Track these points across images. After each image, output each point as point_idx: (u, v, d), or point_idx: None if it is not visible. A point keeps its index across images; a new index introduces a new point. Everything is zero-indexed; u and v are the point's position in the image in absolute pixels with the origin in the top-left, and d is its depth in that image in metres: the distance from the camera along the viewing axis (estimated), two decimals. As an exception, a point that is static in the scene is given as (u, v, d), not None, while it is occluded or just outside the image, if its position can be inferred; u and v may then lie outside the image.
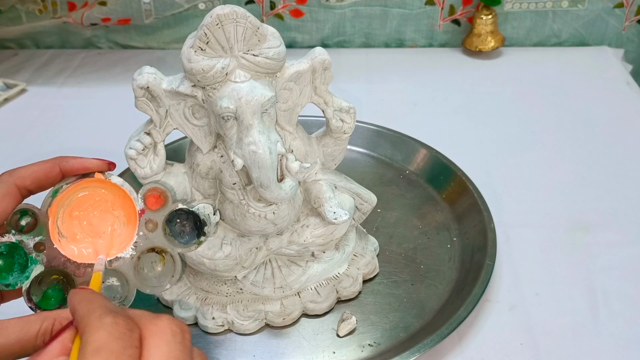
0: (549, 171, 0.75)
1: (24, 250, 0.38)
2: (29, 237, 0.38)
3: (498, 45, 0.97)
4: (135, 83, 0.46)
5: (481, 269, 0.57)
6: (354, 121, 0.52)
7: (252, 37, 0.44)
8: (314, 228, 0.54)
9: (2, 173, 0.39)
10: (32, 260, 0.37)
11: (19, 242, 0.37)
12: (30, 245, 0.38)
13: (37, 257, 0.38)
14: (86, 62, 1.02)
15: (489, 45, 0.96)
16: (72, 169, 0.39)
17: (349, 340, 0.54)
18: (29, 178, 0.38)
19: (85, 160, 0.39)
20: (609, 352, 0.53)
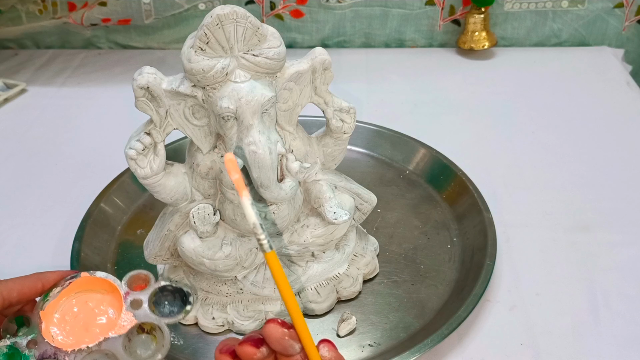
0: (549, 171, 0.75)
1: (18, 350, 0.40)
2: (22, 338, 0.40)
3: (491, 44, 0.97)
4: (136, 83, 0.46)
5: (481, 269, 0.57)
6: (354, 121, 0.52)
7: (252, 37, 0.44)
8: (314, 228, 0.54)
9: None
10: (25, 357, 0.40)
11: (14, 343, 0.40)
12: (24, 344, 0.40)
13: (30, 353, 0.40)
14: (86, 62, 1.02)
15: (481, 44, 0.97)
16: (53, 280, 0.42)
17: (349, 340, 0.54)
18: (16, 291, 0.41)
19: (63, 272, 0.43)
20: (609, 352, 0.53)
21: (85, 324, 0.41)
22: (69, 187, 0.74)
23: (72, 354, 0.39)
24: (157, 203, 0.54)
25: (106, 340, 0.39)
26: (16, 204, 0.72)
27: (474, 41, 0.97)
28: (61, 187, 0.74)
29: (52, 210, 0.71)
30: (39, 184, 0.75)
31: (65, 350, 0.39)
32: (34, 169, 0.78)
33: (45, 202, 0.72)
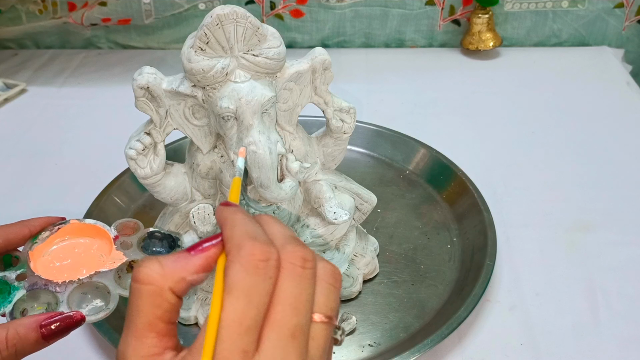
0: (549, 171, 0.75)
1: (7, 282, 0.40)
2: (10, 272, 0.40)
3: (496, 44, 0.97)
4: (135, 83, 0.46)
5: (481, 269, 0.57)
6: (354, 121, 0.52)
7: (252, 37, 0.44)
8: (314, 228, 0.54)
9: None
10: (14, 288, 0.39)
11: (2, 277, 0.40)
12: (13, 277, 0.40)
13: (19, 284, 0.40)
14: (86, 62, 1.02)
15: (487, 44, 0.96)
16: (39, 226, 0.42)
17: (349, 340, 0.54)
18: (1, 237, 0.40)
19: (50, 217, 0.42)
20: (610, 352, 0.53)
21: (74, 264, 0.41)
22: (69, 187, 0.74)
23: (62, 285, 0.39)
24: (157, 203, 0.54)
25: (97, 274, 0.40)
26: (16, 204, 0.72)
27: (481, 41, 0.96)
28: (61, 187, 0.74)
29: (52, 210, 0.70)
30: (39, 184, 0.75)
31: (55, 281, 0.39)
32: (34, 169, 0.78)
33: (45, 202, 0.72)
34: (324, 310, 0.30)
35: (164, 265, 0.30)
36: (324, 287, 0.30)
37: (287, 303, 0.28)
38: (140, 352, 0.29)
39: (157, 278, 0.29)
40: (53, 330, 0.36)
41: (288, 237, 0.31)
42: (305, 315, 0.29)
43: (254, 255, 0.28)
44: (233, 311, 0.28)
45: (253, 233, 0.30)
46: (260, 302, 0.28)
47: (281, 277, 0.29)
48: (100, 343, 0.55)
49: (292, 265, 0.29)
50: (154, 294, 0.29)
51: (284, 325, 0.28)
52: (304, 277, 0.29)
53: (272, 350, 0.28)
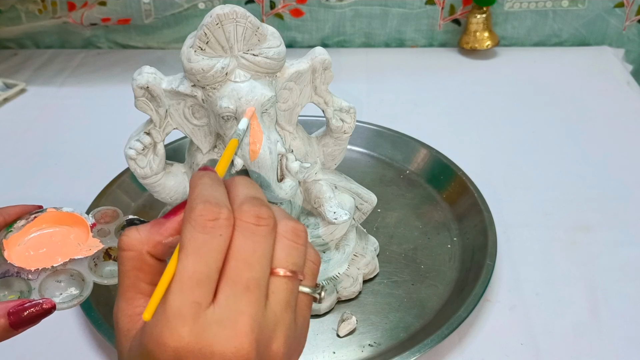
0: (549, 171, 0.75)
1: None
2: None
3: (493, 44, 0.97)
4: (135, 83, 0.46)
5: (481, 268, 0.57)
6: (354, 121, 0.52)
7: (252, 37, 0.44)
8: (314, 228, 0.54)
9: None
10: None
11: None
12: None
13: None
14: (86, 62, 1.01)
15: (483, 44, 0.96)
16: (15, 214, 0.42)
17: (349, 341, 0.54)
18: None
19: (26, 206, 0.43)
20: (610, 352, 0.53)
21: (50, 252, 0.40)
22: (69, 187, 0.74)
23: (35, 273, 0.39)
24: (157, 203, 0.54)
25: (72, 262, 0.39)
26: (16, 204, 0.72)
27: (477, 41, 0.96)
28: (61, 187, 0.74)
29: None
30: (39, 183, 0.75)
31: (28, 269, 0.39)
32: (34, 168, 0.78)
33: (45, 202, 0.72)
34: (284, 264, 0.31)
35: (141, 232, 0.32)
36: (285, 243, 0.32)
37: (240, 258, 0.30)
38: (127, 312, 0.31)
39: (136, 244, 0.32)
40: (22, 318, 0.36)
41: (247, 197, 0.32)
42: (260, 270, 0.30)
43: (203, 215, 0.30)
44: (183, 267, 0.29)
45: (207, 195, 0.31)
46: (211, 258, 0.29)
47: (234, 235, 0.30)
48: (100, 343, 0.55)
49: (245, 223, 0.31)
50: (135, 258, 0.32)
51: (237, 278, 0.29)
52: (258, 234, 0.31)
53: (225, 302, 0.29)
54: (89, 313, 0.53)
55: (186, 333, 0.28)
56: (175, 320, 0.28)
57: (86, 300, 0.39)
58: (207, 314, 0.29)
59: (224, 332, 0.28)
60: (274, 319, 0.30)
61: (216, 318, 0.29)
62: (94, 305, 0.54)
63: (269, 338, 0.30)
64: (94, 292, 0.39)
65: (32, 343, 0.55)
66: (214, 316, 0.29)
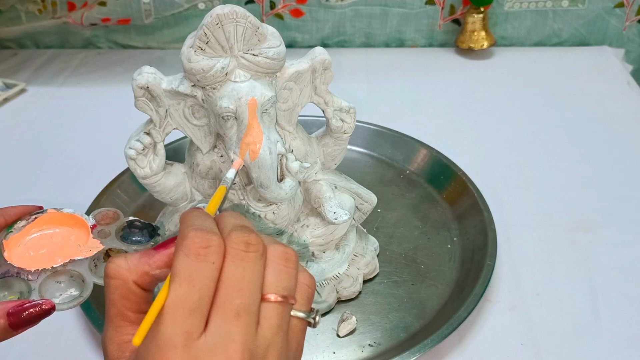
0: (549, 171, 0.75)
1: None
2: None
3: (490, 44, 0.97)
4: (135, 83, 0.46)
5: (481, 268, 0.57)
6: (354, 121, 0.52)
7: (252, 37, 0.44)
8: (314, 228, 0.54)
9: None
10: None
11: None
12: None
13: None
14: (86, 62, 1.01)
15: (479, 44, 0.96)
16: (15, 215, 0.42)
17: (349, 341, 0.54)
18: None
19: (26, 207, 0.43)
20: (610, 352, 0.53)
21: (50, 253, 0.40)
22: (68, 187, 0.74)
23: (35, 273, 0.39)
24: (157, 203, 0.54)
25: (72, 262, 0.39)
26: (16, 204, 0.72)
27: (472, 41, 0.96)
28: (61, 187, 0.74)
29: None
30: (39, 184, 0.75)
31: (28, 269, 0.39)
32: (34, 169, 0.78)
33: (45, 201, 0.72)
34: (275, 290, 0.31)
35: (129, 261, 0.32)
36: (275, 268, 0.32)
37: (230, 285, 0.30)
38: (115, 340, 0.32)
39: (123, 272, 0.32)
40: (21, 318, 0.35)
41: (236, 226, 0.32)
42: (250, 295, 0.30)
43: (195, 243, 0.30)
44: (176, 295, 0.29)
45: (198, 225, 0.31)
46: (203, 286, 0.29)
47: (225, 262, 0.31)
48: (100, 343, 0.55)
49: (235, 250, 0.31)
50: (121, 287, 0.32)
51: (228, 305, 0.30)
52: (247, 260, 0.31)
53: (216, 330, 0.29)
54: (89, 313, 0.53)
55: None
56: (166, 349, 0.28)
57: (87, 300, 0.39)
58: (199, 343, 0.29)
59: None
60: (265, 344, 0.30)
61: (207, 346, 0.29)
62: (94, 306, 0.53)
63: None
64: (94, 293, 0.39)
65: (33, 343, 0.55)
66: (205, 345, 0.29)
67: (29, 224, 0.41)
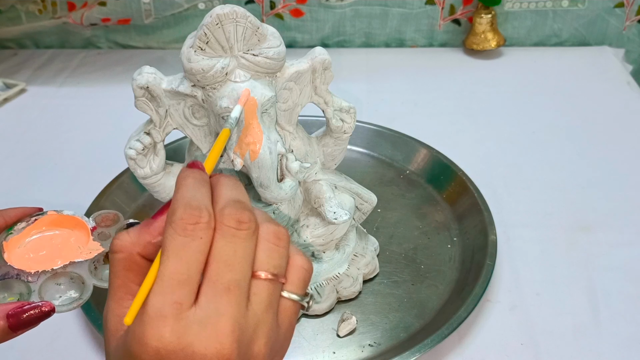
0: (549, 171, 0.75)
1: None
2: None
3: (499, 44, 0.97)
4: (135, 83, 0.46)
5: (481, 269, 0.57)
6: (354, 121, 0.52)
7: (252, 37, 0.44)
8: (314, 228, 0.54)
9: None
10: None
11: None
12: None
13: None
14: (86, 62, 1.01)
15: (490, 44, 0.96)
16: (15, 217, 0.42)
17: (349, 341, 0.54)
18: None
19: (26, 208, 0.43)
20: (610, 352, 0.53)
21: (50, 255, 0.40)
22: (68, 187, 0.74)
23: (35, 275, 0.38)
24: (157, 203, 0.54)
25: (72, 264, 0.39)
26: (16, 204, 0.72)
27: (485, 41, 0.96)
28: (61, 187, 0.74)
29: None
30: (39, 184, 0.75)
31: (28, 271, 0.39)
32: (34, 169, 0.78)
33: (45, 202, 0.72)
34: (266, 267, 0.32)
35: (131, 234, 0.33)
36: (266, 246, 0.32)
37: (220, 260, 0.30)
38: (116, 312, 0.32)
39: (127, 245, 0.32)
40: (21, 320, 0.35)
41: (229, 201, 0.32)
42: (240, 272, 0.30)
43: (183, 219, 0.30)
44: (164, 268, 0.30)
45: (188, 198, 0.31)
46: (191, 260, 0.30)
47: (215, 237, 0.31)
48: (100, 343, 0.55)
49: (226, 227, 0.31)
50: (126, 260, 0.32)
51: (218, 280, 0.30)
52: (239, 237, 0.31)
53: (206, 303, 0.29)
54: (89, 314, 0.53)
55: (167, 333, 0.28)
56: (156, 320, 0.29)
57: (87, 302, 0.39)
58: (189, 315, 0.29)
59: (205, 333, 0.29)
60: (255, 320, 0.30)
61: (197, 318, 0.29)
62: (94, 306, 0.53)
63: (250, 339, 0.30)
64: (94, 295, 0.39)
65: (33, 343, 0.55)
66: (195, 317, 0.29)
67: (29, 226, 0.41)
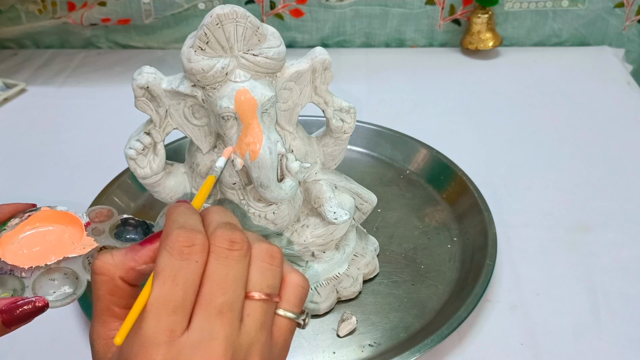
0: (549, 171, 0.75)
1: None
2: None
3: (496, 44, 0.97)
4: (135, 83, 0.46)
5: (481, 269, 0.57)
6: (354, 121, 0.52)
7: (252, 37, 0.44)
8: (314, 228, 0.54)
9: None
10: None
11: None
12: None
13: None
14: (86, 62, 1.01)
15: (486, 44, 0.96)
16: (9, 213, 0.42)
17: (349, 341, 0.54)
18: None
19: (20, 204, 0.43)
20: (610, 352, 0.53)
21: (44, 251, 0.40)
22: (68, 187, 0.74)
23: (29, 271, 0.39)
24: (157, 203, 0.54)
25: (66, 260, 0.39)
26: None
27: (481, 41, 0.96)
28: (61, 187, 0.74)
29: (51, 210, 0.70)
30: (39, 184, 0.75)
31: (22, 267, 0.39)
32: (34, 168, 0.78)
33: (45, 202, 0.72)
34: (259, 287, 0.32)
35: (115, 257, 0.32)
36: (259, 266, 0.32)
37: (213, 282, 0.30)
38: (102, 335, 0.32)
39: (109, 268, 0.32)
40: (15, 315, 0.35)
41: (221, 224, 0.32)
42: (233, 293, 0.30)
43: (179, 241, 0.30)
44: (159, 293, 0.29)
45: (182, 222, 0.32)
46: (187, 284, 0.30)
47: (209, 260, 0.31)
48: (100, 343, 0.55)
49: (219, 248, 0.31)
50: (107, 283, 0.32)
51: (211, 303, 0.30)
52: (231, 258, 0.31)
53: (199, 327, 0.29)
54: (90, 313, 0.53)
55: (160, 358, 0.28)
56: (149, 346, 0.29)
57: (86, 300, 0.39)
58: (182, 340, 0.29)
59: (198, 356, 0.29)
60: (248, 340, 0.30)
61: (190, 343, 0.29)
62: (94, 305, 0.53)
63: (244, 359, 0.30)
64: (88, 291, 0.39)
65: (33, 343, 0.55)
66: (188, 341, 0.29)
67: (22, 222, 0.41)
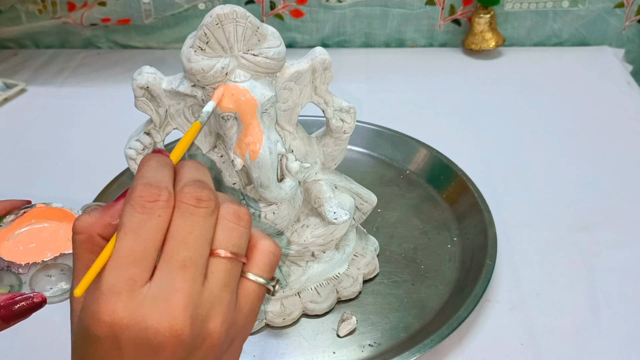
0: (549, 171, 0.75)
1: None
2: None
3: (498, 44, 0.97)
4: (135, 83, 0.46)
5: (481, 269, 0.57)
6: (354, 121, 0.52)
7: (252, 37, 0.44)
8: (314, 228, 0.54)
9: None
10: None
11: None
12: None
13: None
14: (86, 62, 1.01)
15: (489, 44, 0.96)
16: (4, 209, 0.43)
17: (349, 341, 0.54)
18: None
19: (14, 201, 0.43)
20: (610, 352, 0.53)
21: (40, 247, 0.41)
22: (69, 187, 0.74)
23: (25, 267, 0.39)
24: (157, 203, 0.53)
25: (62, 256, 0.39)
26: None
27: (484, 41, 0.96)
28: (61, 187, 0.74)
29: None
30: (39, 183, 0.75)
31: (19, 263, 0.39)
32: (34, 169, 0.78)
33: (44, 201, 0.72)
34: (224, 246, 0.32)
35: (92, 215, 0.33)
36: (225, 225, 0.32)
37: (177, 238, 0.30)
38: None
39: (87, 227, 0.32)
40: (13, 311, 0.36)
41: (190, 180, 0.33)
42: (197, 249, 0.31)
43: (142, 196, 0.31)
44: (120, 245, 0.30)
45: (149, 177, 0.32)
46: (148, 238, 0.30)
47: (174, 216, 0.31)
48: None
49: (185, 205, 0.31)
50: (86, 241, 0.32)
51: (174, 257, 0.30)
52: (197, 215, 0.31)
53: (161, 280, 0.30)
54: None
55: (120, 308, 0.29)
56: (109, 296, 0.29)
57: None
58: (143, 291, 0.29)
59: (158, 308, 0.29)
60: (211, 298, 0.30)
61: (151, 294, 0.29)
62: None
63: (205, 316, 0.30)
64: None
65: (33, 343, 0.55)
66: (149, 292, 0.29)
67: (17, 218, 0.41)
